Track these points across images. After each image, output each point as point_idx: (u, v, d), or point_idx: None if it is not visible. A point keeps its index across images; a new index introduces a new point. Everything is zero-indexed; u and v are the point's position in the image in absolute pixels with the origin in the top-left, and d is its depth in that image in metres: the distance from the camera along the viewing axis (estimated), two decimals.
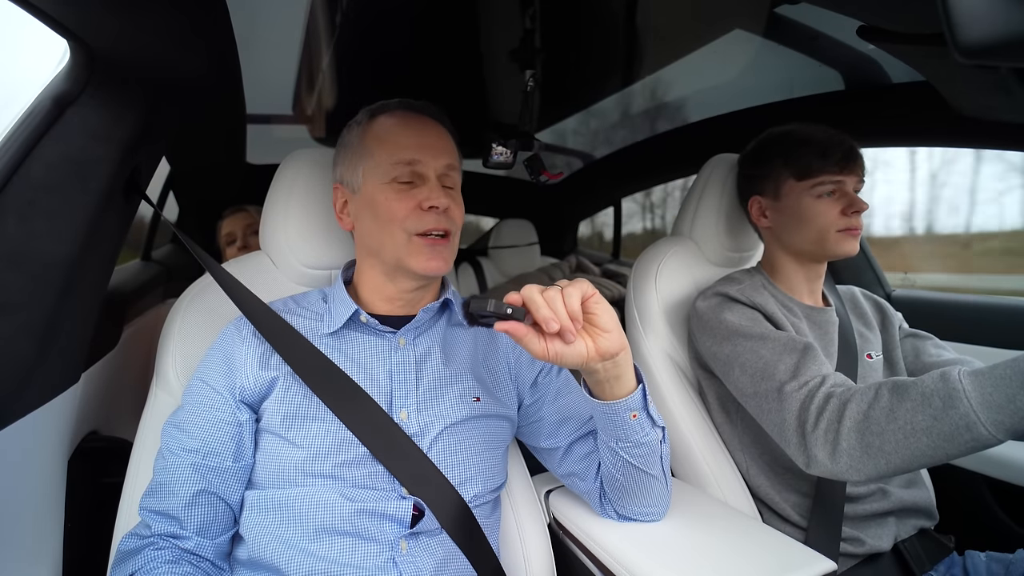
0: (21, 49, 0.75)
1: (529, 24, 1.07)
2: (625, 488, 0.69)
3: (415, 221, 0.68)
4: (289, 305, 0.74)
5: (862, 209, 0.86)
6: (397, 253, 0.69)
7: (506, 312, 0.53)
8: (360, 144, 0.72)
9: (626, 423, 0.62)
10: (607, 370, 0.58)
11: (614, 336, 0.56)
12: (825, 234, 0.87)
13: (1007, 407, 0.56)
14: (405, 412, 0.67)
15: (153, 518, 0.61)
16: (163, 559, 0.58)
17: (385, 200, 0.69)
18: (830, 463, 0.69)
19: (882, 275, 1.44)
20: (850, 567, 0.82)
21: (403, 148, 0.70)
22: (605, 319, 0.56)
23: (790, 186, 0.90)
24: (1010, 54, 0.33)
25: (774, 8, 1.01)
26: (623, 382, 0.60)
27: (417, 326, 0.72)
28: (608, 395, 0.61)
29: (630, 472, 0.66)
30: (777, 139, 0.94)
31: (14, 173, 0.66)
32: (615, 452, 0.65)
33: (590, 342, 0.56)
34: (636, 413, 0.62)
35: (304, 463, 0.62)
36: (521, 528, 0.78)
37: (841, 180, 0.87)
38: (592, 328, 0.56)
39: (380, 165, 0.70)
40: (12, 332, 0.65)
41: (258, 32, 1.03)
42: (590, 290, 0.55)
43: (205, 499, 0.61)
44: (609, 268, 2.24)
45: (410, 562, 0.61)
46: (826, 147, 0.87)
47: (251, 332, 0.68)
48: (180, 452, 0.62)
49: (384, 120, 0.73)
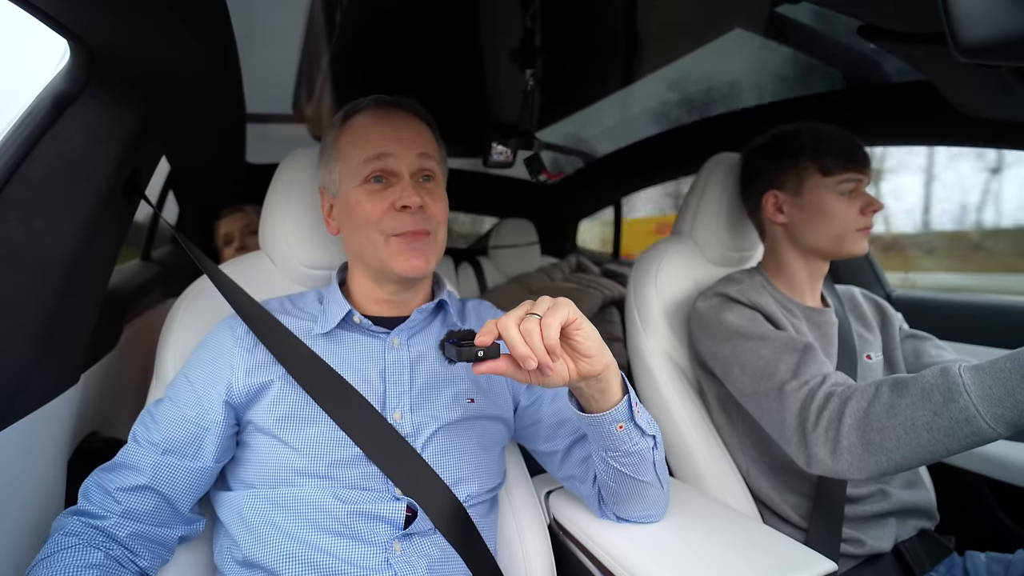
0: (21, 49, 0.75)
1: (529, 23, 1.07)
2: (619, 494, 0.68)
3: (390, 222, 0.67)
4: (285, 305, 0.73)
5: (878, 209, 0.87)
6: (378, 256, 0.68)
7: (478, 356, 0.52)
8: (334, 147, 0.72)
9: (613, 434, 0.61)
10: (590, 386, 0.58)
11: (596, 360, 0.55)
12: (845, 232, 0.88)
13: (1007, 400, 0.56)
14: (399, 412, 0.67)
15: (91, 489, 0.61)
16: (70, 544, 0.57)
17: (359, 203, 0.68)
18: (831, 461, 0.69)
19: (882, 275, 1.44)
20: (850, 568, 0.82)
21: (372, 144, 0.68)
22: (587, 345, 0.54)
23: (815, 181, 0.89)
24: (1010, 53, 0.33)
25: (775, 7, 1.01)
26: (608, 395, 0.59)
27: (411, 326, 0.72)
28: (594, 407, 0.60)
29: (622, 479, 0.66)
30: (802, 134, 0.92)
31: (14, 173, 0.66)
32: (605, 461, 0.64)
33: (572, 365, 0.55)
34: (622, 424, 0.61)
35: (298, 464, 0.62)
36: (521, 529, 0.78)
37: (862, 179, 0.87)
38: (573, 352, 0.55)
39: (353, 167, 0.69)
40: (12, 332, 0.65)
41: (258, 31, 1.03)
42: (572, 315, 0.52)
43: (148, 494, 0.61)
44: (609, 268, 2.24)
45: (404, 562, 0.61)
46: (852, 146, 0.88)
47: (245, 331, 0.68)
48: (144, 443, 0.63)
49: (357, 119, 0.72)
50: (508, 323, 0.51)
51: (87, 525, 0.59)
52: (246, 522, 0.62)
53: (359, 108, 0.73)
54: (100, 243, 0.76)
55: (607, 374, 0.57)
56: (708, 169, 1.08)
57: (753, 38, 1.15)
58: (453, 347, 0.53)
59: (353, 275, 0.75)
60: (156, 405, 0.66)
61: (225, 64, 1.03)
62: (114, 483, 0.61)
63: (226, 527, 0.65)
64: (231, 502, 0.65)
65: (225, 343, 0.67)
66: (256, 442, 0.64)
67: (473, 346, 0.52)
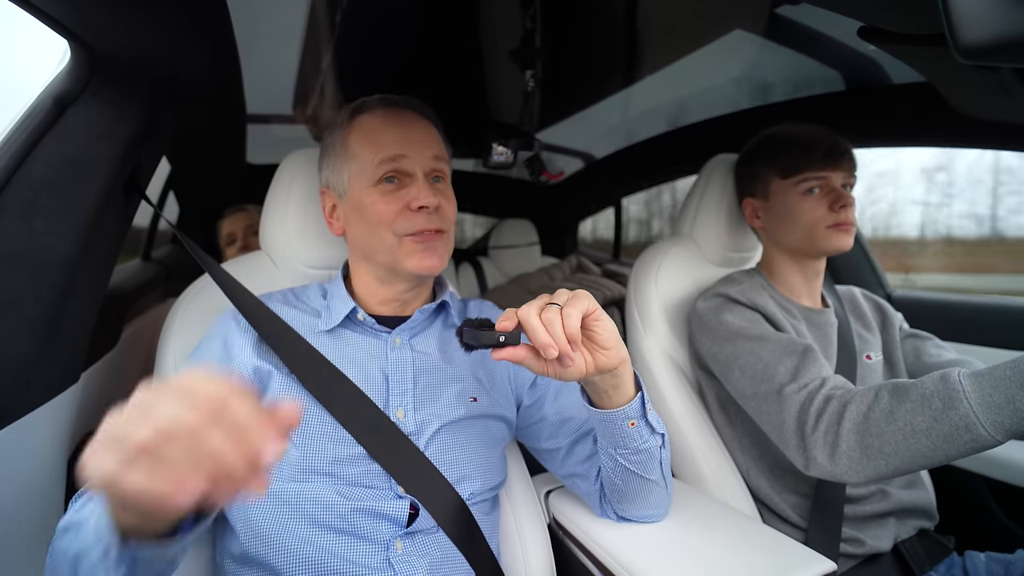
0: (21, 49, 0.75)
1: (530, 24, 1.07)
2: (624, 492, 0.68)
3: (405, 222, 0.67)
4: (288, 297, 0.73)
5: (848, 203, 0.86)
6: (390, 256, 0.68)
7: (499, 341, 0.52)
8: (343, 146, 0.71)
9: (624, 431, 0.61)
10: (605, 381, 0.58)
11: (613, 352, 0.55)
12: (814, 230, 0.88)
13: (1007, 408, 0.56)
14: (402, 411, 0.67)
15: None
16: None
17: (372, 203, 0.68)
18: (829, 465, 0.69)
19: (883, 275, 1.44)
20: (850, 567, 0.82)
21: (387, 145, 0.68)
22: (605, 336, 0.54)
23: (776, 185, 0.91)
24: (1011, 55, 0.33)
25: (774, 8, 1.01)
26: (621, 391, 0.59)
27: (412, 326, 0.72)
28: (606, 403, 0.60)
29: (629, 477, 0.66)
30: (764, 140, 0.95)
31: (14, 173, 0.66)
32: (613, 458, 0.64)
33: (589, 357, 0.55)
34: (634, 421, 0.61)
35: (299, 460, 0.62)
36: (521, 528, 0.78)
37: (826, 176, 0.87)
38: (591, 344, 0.55)
39: (365, 167, 0.69)
40: (12, 332, 0.65)
41: (259, 31, 1.03)
42: (591, 307, 0.53)
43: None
44: (609, 268, 2.24)
45: (405, 561, 0.61)
46: (809, 144, 0.88)
47: (249, 324, 0.68)
48: None
49: (366, 119, 0.71)
50: (529, 312, 0.51)
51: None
52: (246, 519, 0.62)
53: (366, 107, 0.72)
54: (100, 243, 0.76)
55: (623, 368, 0.57)
56: (708, 170, 1.08)
57: (753, 39, 1.15)
58: (473, 332, 0.52)
59: (356, 275, 0.75)
60: None
61: (226, 65, 1.03)
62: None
63: (226, 524, 0.65)
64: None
65: (232, 330, 0.67)
66: None
67: (494, 331, 0.52)
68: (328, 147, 0.74)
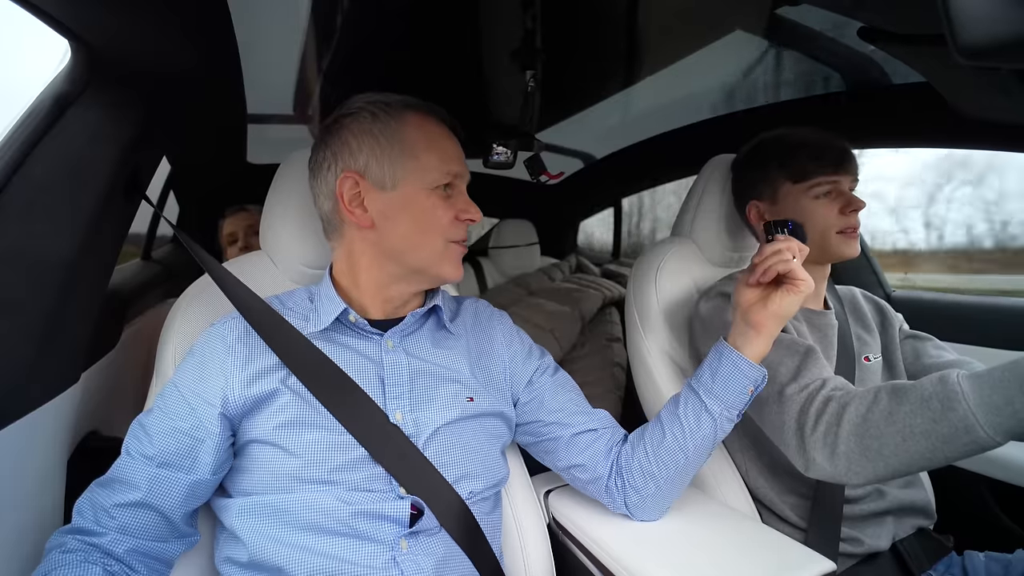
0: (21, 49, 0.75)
1: (530, 24, 1.07)
2: (677, 474, 0.72)
3: (455, 231, 0.70)
4: (274, 304, 0.72)
5: (859, 207, 0.87)
6: (430, 259, 0.69)
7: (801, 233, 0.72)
8: (399, 140, 0.68)
9: (742, 393, 0.70)
10: (778, 325, 0.69)
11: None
12: (826, 235, 0.88)
13: (1005, 409, 0.56)
14: (399, 413, 0.67)
15: (85, 506, 0.61)
16: (68, 562, 0.56)
17: (432, 207, 0.68)
18: (829, 466, 0.69)
19: (882, 276, 1.44)
20: (849, 567, 0.82)
21: (451, 159, 0.71)
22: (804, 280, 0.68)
23: (787, 189, 0.91)
24: (1010, 55, 0.34)
25: (775, 9, 1.01)
26: (767, 348, 0.70)
27: (404, 329, 0.72)
28: (749, 354, 0.69)
29: (702, 451, 0.72)
30: (771, 143, 0.94)
31: (14, 173, 0.66)
32: (712, 415, 0.70)
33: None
34: (752, 388, 0.70)
35: (299, 471, 0.61)
36: (521, 528, 0.78)
37: (837, 180, 0.87)
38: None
39: (429, 170, 0.68)
40: (12, 332, 0.65)
41: (259, 32, 1.03)
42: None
43: (144, 509, 0.60)
44: (609, 268, 2.24)
45: (411, 561, 0.61)
46: (820, 149, 0.88)
47: (237, 339, 0.66)
48: (137, 456, 0.62)
49: (424, 122, 0.71)
50: (775, 246, 0.68)
51: (84, 542, 0.58)
52: (246, 528, 0.62)
53: (411, 106, 0.71)
54: (100, 243, 0.76)
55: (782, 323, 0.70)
56: (708, 170, 1.08)
57: (753, 39, 1.15)
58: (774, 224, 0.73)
59: (361, 272, 0.71)
60: (146, 416, 0.65)
61: (226, 65, 1.03)
62: (110, 499, 0.60)
63: (226, 532, 0.65)
64: (230, 508, 0.64)
65: (217, 352, 0.65)
66: (254, 451, 0.64)
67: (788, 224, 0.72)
68: (366, 133, 0.68)
